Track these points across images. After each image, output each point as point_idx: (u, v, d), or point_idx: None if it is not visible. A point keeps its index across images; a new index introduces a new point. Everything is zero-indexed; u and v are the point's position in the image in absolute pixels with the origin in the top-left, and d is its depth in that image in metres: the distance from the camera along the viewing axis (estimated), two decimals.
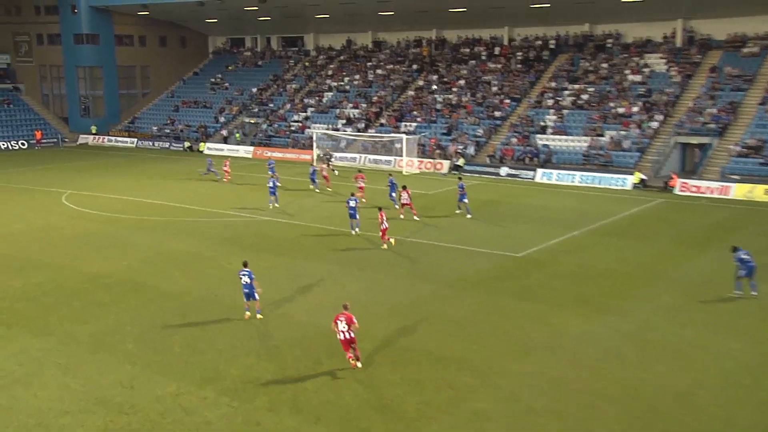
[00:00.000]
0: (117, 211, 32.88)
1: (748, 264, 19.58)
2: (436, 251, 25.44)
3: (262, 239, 27.21)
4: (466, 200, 30.49)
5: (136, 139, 63.75)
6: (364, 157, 50.20)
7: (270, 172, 40.70)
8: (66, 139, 66.22)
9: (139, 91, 73.47)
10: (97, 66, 68.85)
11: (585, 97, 48.89)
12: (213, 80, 70.99)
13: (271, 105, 63.44)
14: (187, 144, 60.31)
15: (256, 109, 63.32)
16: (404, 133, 50.72)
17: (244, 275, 18.59)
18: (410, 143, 47.69)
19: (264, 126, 60.27)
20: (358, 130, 54.35)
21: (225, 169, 42.50)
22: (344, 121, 56.68)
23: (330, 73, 65.14)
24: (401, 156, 47.24)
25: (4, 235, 27.93)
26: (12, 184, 41.29)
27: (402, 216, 29.95)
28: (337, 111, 58.48)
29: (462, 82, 56.22)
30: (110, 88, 69.48)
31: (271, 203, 32.80)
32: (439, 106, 54.23)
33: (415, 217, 29.71)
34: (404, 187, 30.04)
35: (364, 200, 33.25)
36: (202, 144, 59.24)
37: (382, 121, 55.40)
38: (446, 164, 46.70)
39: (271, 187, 33.28)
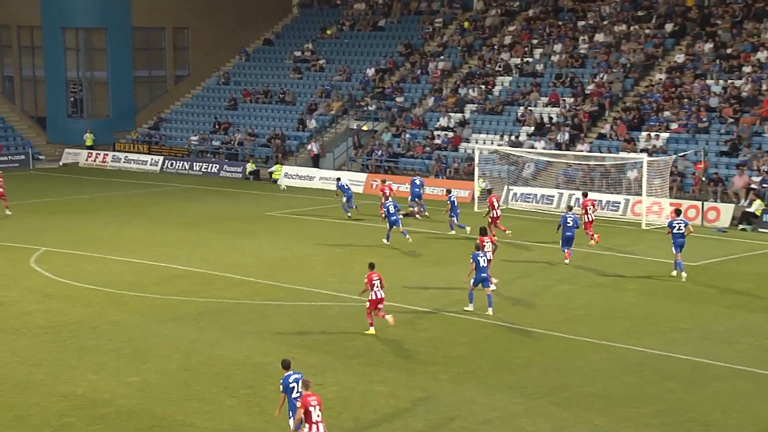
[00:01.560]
0: (124, 284, 33.93)
1: None
2: (740, 381, 24.75)
3: (377, 339, 27.44)
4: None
5: (161, 158, 66.83)
6: (567, 194, 49.79)
7: (414, 197, 45.15)
8: (41, 157, 70.48)
9: (168, 73, 77.27)
10: (98, 28, 73.23)
11: None
12: (298, 54, 73.57)
13: (400, 99, 64.72)
14: (250, 167, 62.42)
15: (373, 107, 64.75)
16: (645, 151, 49.94)
17: (295, 382, 19.67)
18: (656, 171, 46.93)
19: (386, 137, 61.36)
20: (558, 147, 54.20)
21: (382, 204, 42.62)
22: (531, 129, 56.76)
23: (508, 41, 65.65)
24: (639, 194, 46.56)
25: None
26: None
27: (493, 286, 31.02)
28: (520, 110, 58.76)
29: (765, 54, 54.91)
30: (119, 67, 73.59)
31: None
32: (714, 102, 53.24)
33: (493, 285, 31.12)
34: (483, 232, 32.95)
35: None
36: (276, 168, 61.02)
37: (603, 129, 54.99)
38: (726, 211, 45.58)
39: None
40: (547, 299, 31.98)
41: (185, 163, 65.39)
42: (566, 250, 36.49)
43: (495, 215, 39.52)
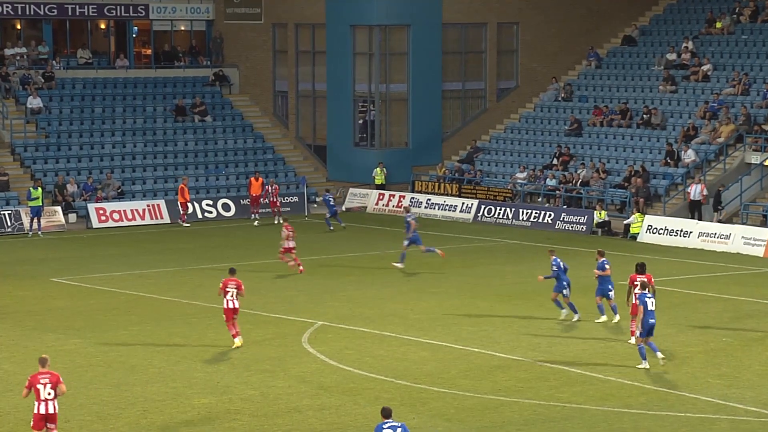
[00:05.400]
0: (422, 376, 34.22)
1: None
2: None
3: None
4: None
5: (475, 202, 67.45)
6: None
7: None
8: (317, 199, 72.32)
9: (489, 86, 77.90)
10: (398, 25, 74.91)
11: None
12: (671, 57, 72.94)
13: None
14: (598, 216, 61.79)
15: None
16: None
17: (393, 428, 22.69)
18: None
19: None
20: None
21: None
22: None
23: None
24: None
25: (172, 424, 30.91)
26: (196, 300, 46.07)
27: None
28: None
29: None
30: (424, 78, 74.81)
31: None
32: None
33: None
34: None
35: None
36: (635, 218, 60.06)
37: None
38: None
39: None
40: None
41: (508, 209, 65.74)
42: None
43: None
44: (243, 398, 32.01)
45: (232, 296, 36.44)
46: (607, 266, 40.41)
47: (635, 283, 36.86)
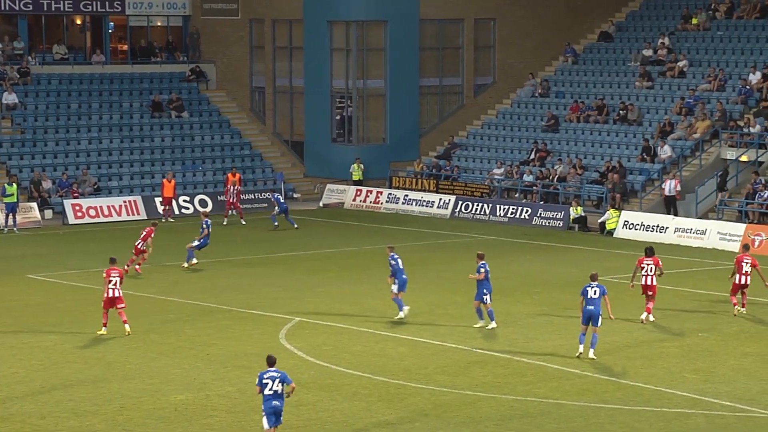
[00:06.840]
0: (400, 371, 34.26)
1: None
2: None
3: None
4: None
5: (452, 198, 67.47)
6: None
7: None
8: (296, 195, 72.74)
9: (466, 81, 77.87)
10: (375, 21, 74.86)
11: None
12: (648, 53, 73.10)
13: None
14: (575, 212, 61.84)
15: (757, 128, 62.95)
16: None
17: (270, 379, 26.32)
18: None
19: None
20: None
21: None
22: None
23: None
24: None
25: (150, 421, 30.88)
26: (173, 297, 45.97)
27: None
28: None
29: None
30: (402, 74, 74.82)
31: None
32: None
33: None
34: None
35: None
36: (611, 214, 60.05)
37: None
38: None
39: None
40: None
41: (485, 205, 65.74)
42: None
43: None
44: (220, 395, 32.05)
45: (114, 285, 38.03)
46: (482, 270, 39.56)
47: (642, 265, 39.96)
